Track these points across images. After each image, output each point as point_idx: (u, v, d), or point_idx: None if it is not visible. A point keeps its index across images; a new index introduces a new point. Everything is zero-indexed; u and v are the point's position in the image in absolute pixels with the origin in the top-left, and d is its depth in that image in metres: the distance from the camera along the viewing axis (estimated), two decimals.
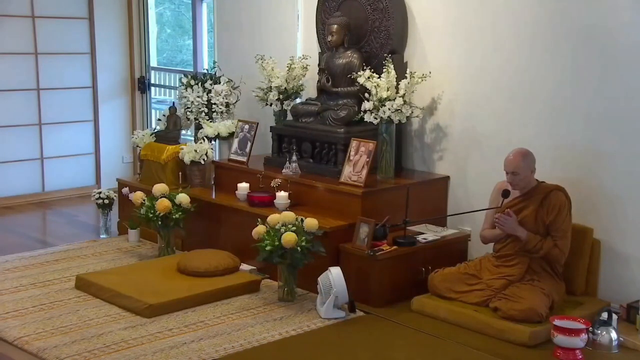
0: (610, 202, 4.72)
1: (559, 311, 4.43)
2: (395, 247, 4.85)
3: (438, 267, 4.82)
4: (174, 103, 6.71)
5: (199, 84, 6.46)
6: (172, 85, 8.27)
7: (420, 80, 5.31)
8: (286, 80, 6.02)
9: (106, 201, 6.21)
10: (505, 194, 4.64)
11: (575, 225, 4.63)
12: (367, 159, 5.17)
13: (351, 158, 5.27)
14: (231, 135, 6.18)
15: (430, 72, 5.36)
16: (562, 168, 4.88)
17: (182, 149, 6.09)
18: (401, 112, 5.27)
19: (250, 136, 5.99)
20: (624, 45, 4.60)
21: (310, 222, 4.75)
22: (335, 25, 5.67)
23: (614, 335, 4.20)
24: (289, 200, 5.35)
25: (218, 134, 6.22)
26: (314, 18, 6.08)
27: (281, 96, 6.04)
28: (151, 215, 5.50)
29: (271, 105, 6.09)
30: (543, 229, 4.56)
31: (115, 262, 5.57)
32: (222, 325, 4.47)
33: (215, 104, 6.39)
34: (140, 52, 8.12)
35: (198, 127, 6.45)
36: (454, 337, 4.33)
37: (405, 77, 5.31)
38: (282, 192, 5.36)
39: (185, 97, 6.45)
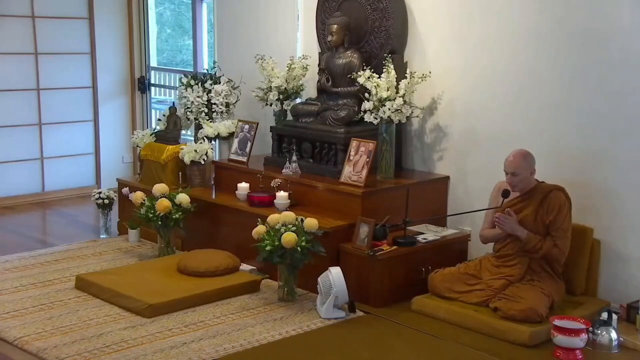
0: (610, 202, 4.72)
1: (559, 311, 4.43)
2: (395, 247, 4.85)
3: (438, 267, 4.81)
4: (174, 103, 6.71)
5: (199, 84, 6.46)
6: (172, 85, 8.27)
7: (420, 80, 5.31)
8: (286, 80, 6.02)
9: (106, 201, 6.20)
10: (505, 193, 4.63)
11: (575, 225, 4.63)
12: (367, 159, 5.17)
13: (351, 158, 5.27)
14: (231, 135, 6.18)
15: (430, 72, 5.36)
16: (562, 168, 4.87)
17: (182, 149, 6.09)
18: (401, 112, 5.27)
19: (250, 136, 5.99)
20: (624, 47, 4.59)
21: (310, 222, 4.75)
22: (335, 25, 5.67)
23: (614, 335, 4.20)
24: (289, 200, 5.34)
25: (218, 134, 6.22)
26: (314, 18, 6.08)
27: (281, 96, 6.04)
28: (151, 215, 5.50)
29: (271, 105, 6.09)
30: (543, 228, 4.56)
31: (115, 262, 5.57)
32: (222, 325, 4.47)
33: (215, 104, 6.39)
34: (140, 52, 8.12)
35: (198, 127, 6.45)
36: (454, 337, 4.33)
37: (405, 77, 5.30)
38: (282, 192, 5.36)
39: (185, 97, 6.45)
